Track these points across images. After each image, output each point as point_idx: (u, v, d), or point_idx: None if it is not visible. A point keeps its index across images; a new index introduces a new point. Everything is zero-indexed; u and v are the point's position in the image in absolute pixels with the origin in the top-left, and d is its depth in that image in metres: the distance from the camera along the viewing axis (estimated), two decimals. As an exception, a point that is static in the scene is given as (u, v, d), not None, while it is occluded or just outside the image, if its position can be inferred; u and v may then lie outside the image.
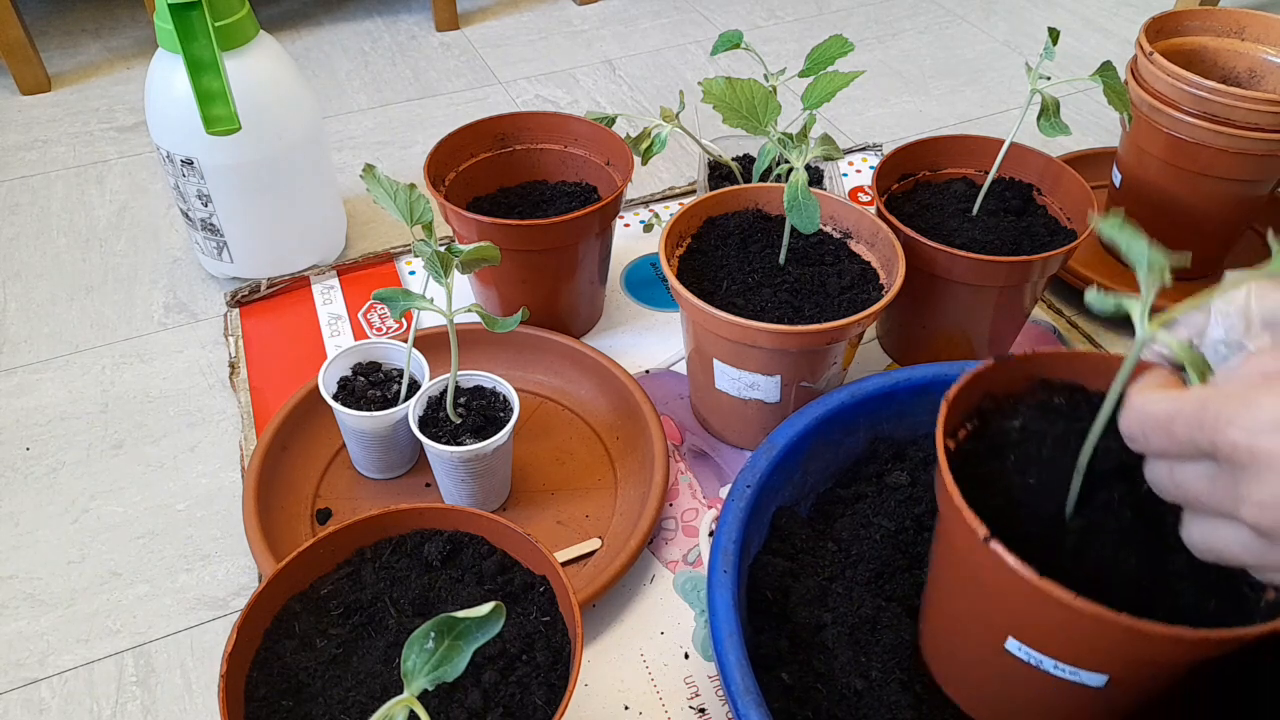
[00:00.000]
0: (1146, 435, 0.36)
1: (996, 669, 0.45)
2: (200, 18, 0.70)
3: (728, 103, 0.69)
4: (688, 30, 1.36)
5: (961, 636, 0.48)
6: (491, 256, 0.58)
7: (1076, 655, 0.41)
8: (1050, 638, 0.41)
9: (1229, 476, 0.33)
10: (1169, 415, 0.34)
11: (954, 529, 0.42)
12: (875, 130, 1.15)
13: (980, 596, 0.44)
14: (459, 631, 0.39)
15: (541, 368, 0.78)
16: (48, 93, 1.20)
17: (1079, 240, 0.70)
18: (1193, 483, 0.35)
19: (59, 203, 1.01)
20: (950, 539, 0.45)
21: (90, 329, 0.86)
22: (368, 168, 0.58)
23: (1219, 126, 0.75)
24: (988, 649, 0.45)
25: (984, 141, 0.79)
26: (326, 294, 0.88)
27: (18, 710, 0.59)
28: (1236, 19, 0.84)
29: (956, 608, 0.47)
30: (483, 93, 1.22)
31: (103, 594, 0.65)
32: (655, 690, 0.60)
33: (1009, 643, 0.43)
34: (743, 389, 0.68)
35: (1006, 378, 0.46)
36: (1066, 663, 0.41)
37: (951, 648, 0.50)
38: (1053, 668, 0.42)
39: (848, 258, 0.72)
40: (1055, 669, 0.42)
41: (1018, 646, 0.42)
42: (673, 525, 0.69)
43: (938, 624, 0.51)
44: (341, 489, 0.70)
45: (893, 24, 1.38)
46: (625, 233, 0.96)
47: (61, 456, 0.74)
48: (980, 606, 0.44)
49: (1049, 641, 0.41)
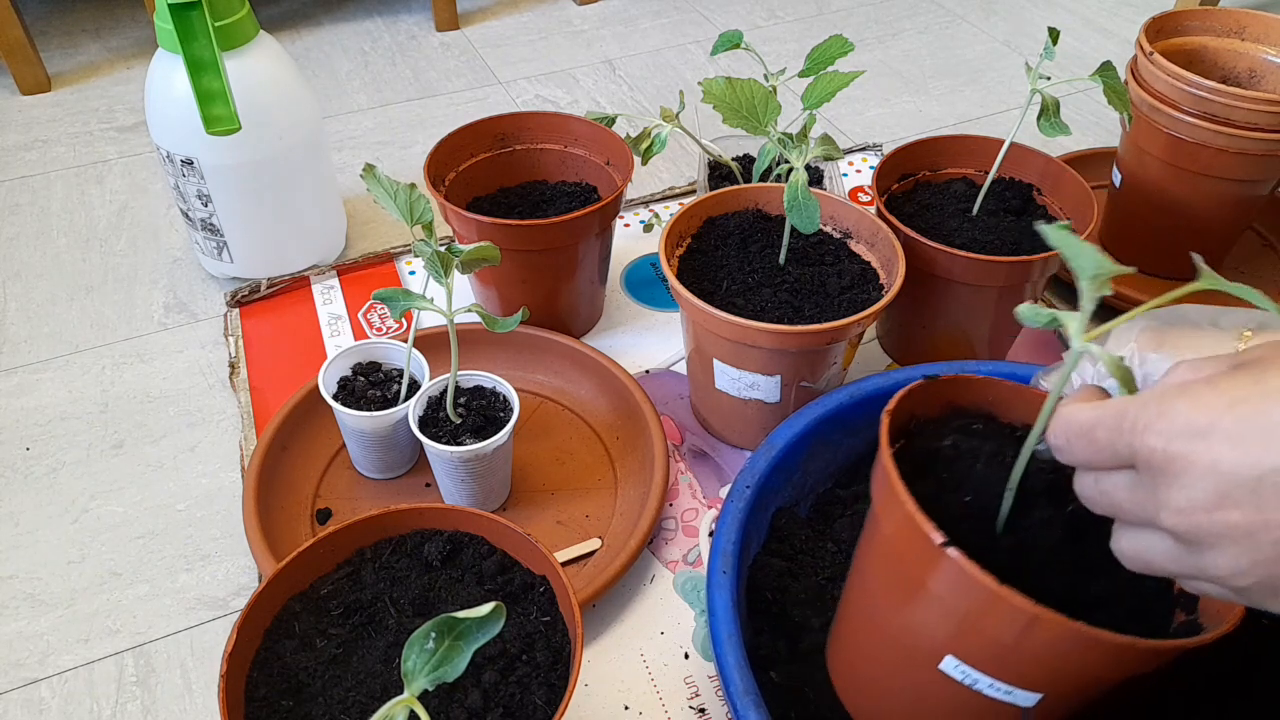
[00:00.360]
0: (1071, 444, 0.36)
1: (918, 687, 0.44)
2: (200, 18, 0.70)
3: (728, 103, 0.69)
4: (688, 30, 1.36)
5: (886, 652, 0.47)
6: (491, 256, 0.58)
7: (1017, 673, 0.40)
8: (992, 654, 0.40)
9: (1149, 483, 0.33)
10: (1091, 423, 0.35)
11: (898, 538, 0.41)
12: (875, 130, 1.15)
13: (921, 610, 0.43)
14: (459, 631, 0.39)
15: (541, 368, 0.78)
16: (48, 93, 1.20)
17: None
18: (1116, 492, 0.35)
19: (59, 203, 1.01)
20: (891, 549, 0.43)
21: (90, 329, 0.86)
22: (368, 168, 0.58)
23: (1219, 126, 0.75)
24: (916, 667, 0.44)
25: (984, 141, 0.79)
26: (326, 294, 0.88)
27: (18, 710, 0.59)
28: (1236, 19, 0.84)
29: (887, 622, 0.46)
30: (483, 93, 1.22)
31: (103, 594, 0.65)
32: (655, 690, 0.60)
33: (945, 662, 0.42)
34: (743, 389, 0.68)
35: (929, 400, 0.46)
36: (1004, 681, 0.41)
37: (867, 662, 0.49)
38: (987, 687, 0.41)
39: (848, 258, 0.72)
40: (990, 688, 0.41)
41: (954, 665, 0.42)
42: (673, 525, 0.69)
43: (855, 638, 0.50)
44: (341, 489, 0.70)
45: (893, 24, 1.38)
46: (625, 233, 0.96)
47: (61, 456, 0.74)
48: (919, 620, 0.43)
49: (990, 658, 0.41)
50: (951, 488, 0.44)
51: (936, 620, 0.42)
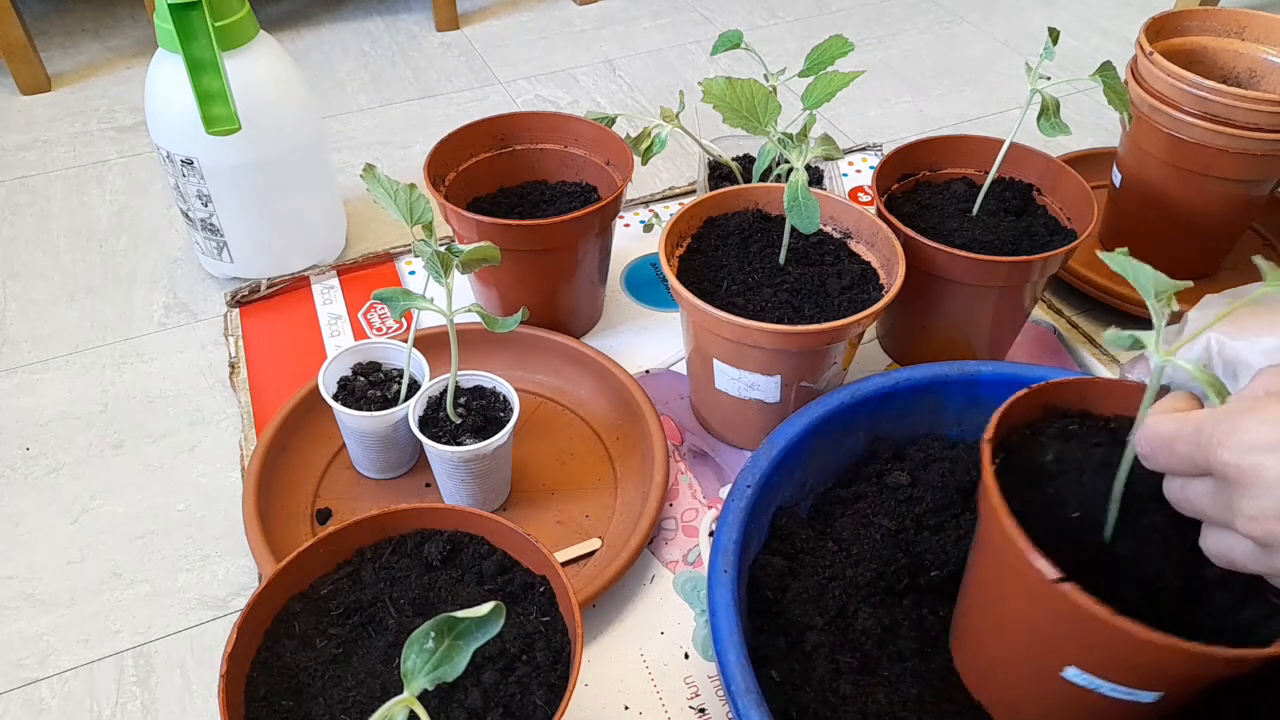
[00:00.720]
0: (1155, 453, 0.39)
1: (1046, 691, 0.46)
2: (200, 18, 0.70)
3: (728, 103, 0.69)
4: (688, 30, 1.36)
5: (1012, 661, 0.49)
6: (491, 256, 0.58)
7: (1137, 679, 0.42)
8: (1114, 665, 0.42)
9: (1225, 493, 0.36)
10: (1172, 436, 0.38)
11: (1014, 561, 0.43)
12: (875, 130, 1.15)
13: (1042, 629, 0.44)
14: (459, 631, 0.39)
15: (541, 368, 0.78)
16: (48, 93, 1.20)
17: (1079, 240, 0.70)
18: (1198, 498, 0.38)
19: (59, 203, 1.01)
20: (1008, 569, 0.45)
21: (90, 329, 0.86)
22: (368, 168, 0.58)
23: (1219, 126, 0.75)
24: (1042, 674, 0.45)
25: (984, 141, 0.79)
26: (326, 294, 0.88)
27: (18, 710, 0.59)
28: (1236, 19, 0.84)
29: (1009, 637, 0.48)
30: (483, 93, 1.22)
31: (103, 594, 0.65)
32: (655, 690, 0.60)
33: (1068, 671, 0.44)
34: (743, 389, 0.68)
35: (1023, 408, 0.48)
36: (1125, 685, 0.42)
37: (995, 667, 0.51)
38: (1110, 690, 0.43)
39: (848, 258, 0.72)
40: (1113, 691, 0.43)
41: (1077, 674, 0.43)
42: (673, 525, 0.69)
43: (979, 635, 0.52)
44: (341, 489, 0.70)
45: (893, 24, 1.38)
46: (625, 233, 0.96)
47: (61, 456, 0.74)
48: (1040, 637, 0.45)
49: (1111, 668, 0.42)
50: (1058, 503, 0.46)
51: (1055, 639, 0.44)
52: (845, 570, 0.59)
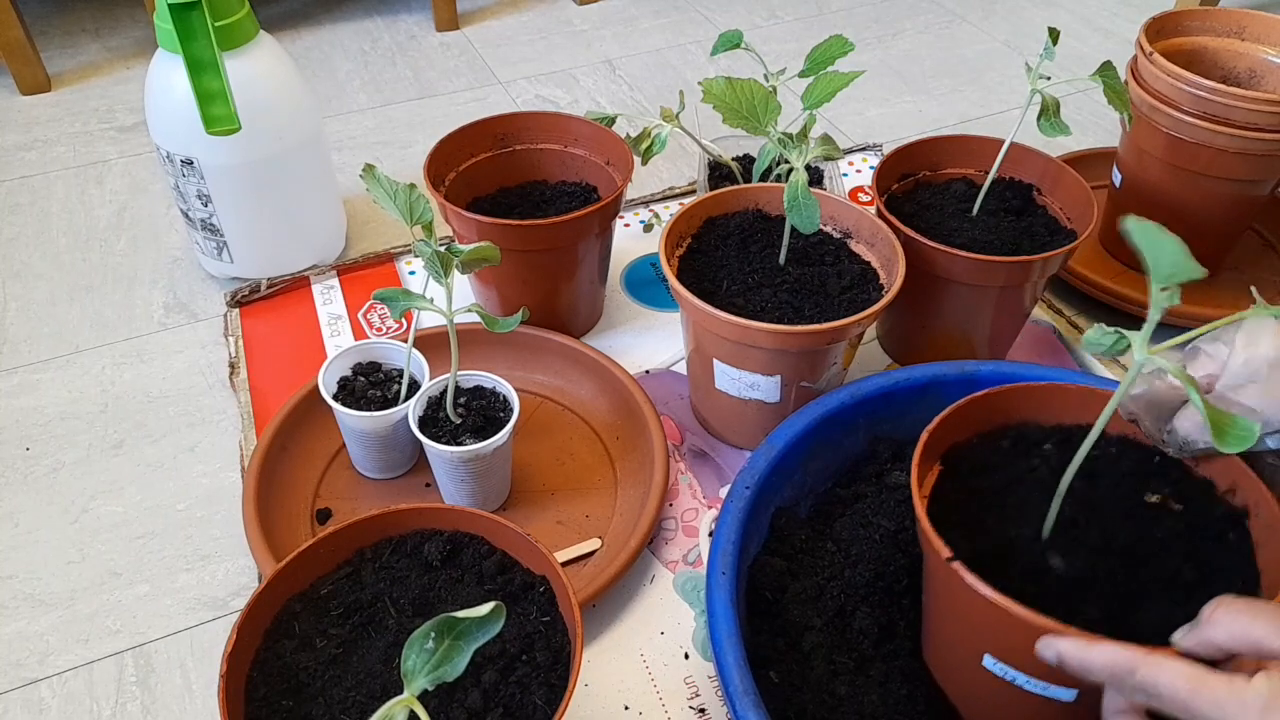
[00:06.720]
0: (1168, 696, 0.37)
1: (981, 681, 0.47)
2: (200, 18, 0.70)
3: (728, 103, 0.69)
4: (688, 30, 1.36)
5: (950, 651, 0.51)
6: (491, 256, 0.58)
7: (1042, 669, 0.42)
8: (1015, 652, 0.43)
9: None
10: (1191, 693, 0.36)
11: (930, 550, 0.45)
12: (875, 130, 1.15)
13: (957, 617, 0.46)
14: (459, 631, 0.39)
15: (541, 368, 0.78)
16: (48, 93, 1.20)
17: (1079, 240, 0.70)
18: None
19: (59, 203, 1.01)
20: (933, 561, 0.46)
21: (90, 329, 0.86)
22: (368, 168, 0.58)
23: (1219, 126, 0.75)
24: (972, 664, 0.46)
25: (984, 141, 0.79)
26: (326, 294, 0.88)
27: (18, 710, 0.59)
28: (1236, 19, 0.84)
29: (945, 628, 0.50)
30: (483, 93, 1.22)
31: (103, 594, 0.65)
32: (655, 690, 0.60)
33: (985, 659, 0.44)
34: (743, 389, 0.68)
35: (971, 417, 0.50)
36: (1037, 678, 0.43)
37: (945, 659, 0.52)
38: (1025, 683, 0.43)
39: (848, 258, 0.72)
40: (1027, 684, 0.43)
41: (993, 663, 0.44)
42: (673, 525, 0.69)
43: (930, 636, 0.53)
44: (341, 489, 0.70)
45: (893, 24, 1.38)
46: (625, 233, 0.96)
47: (61, 456, 0.74)
48: (960, 626, 0.46)
49: (1014, 655, 0.43)
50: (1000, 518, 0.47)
51: (967, 626, 0.45)
52: (844, 571, 0.59)
